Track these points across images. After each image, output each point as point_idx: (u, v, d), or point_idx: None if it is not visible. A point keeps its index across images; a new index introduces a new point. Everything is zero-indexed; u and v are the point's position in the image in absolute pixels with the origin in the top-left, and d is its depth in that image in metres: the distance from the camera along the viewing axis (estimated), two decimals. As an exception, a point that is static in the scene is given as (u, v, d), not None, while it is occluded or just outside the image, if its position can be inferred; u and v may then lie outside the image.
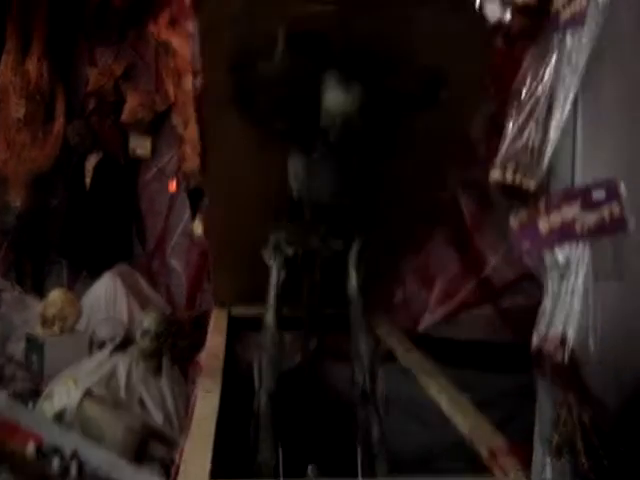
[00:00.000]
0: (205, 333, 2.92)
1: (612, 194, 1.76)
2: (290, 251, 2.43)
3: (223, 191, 2.71)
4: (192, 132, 4.15)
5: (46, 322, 3.91)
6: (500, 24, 1.90)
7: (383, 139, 2.26)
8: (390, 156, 2.31)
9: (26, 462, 2.76)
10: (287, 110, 2.20)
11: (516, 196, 1.83)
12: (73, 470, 2.69)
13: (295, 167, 2.36)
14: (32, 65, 5.24)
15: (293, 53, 2.09)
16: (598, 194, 1.78)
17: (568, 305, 1.85)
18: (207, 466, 1.86)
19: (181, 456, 2.24)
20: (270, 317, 2.37)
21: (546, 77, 1.80)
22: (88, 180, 5.10)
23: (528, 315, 2.06)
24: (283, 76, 2.14)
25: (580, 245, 1.81)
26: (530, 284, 2.77)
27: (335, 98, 2.13)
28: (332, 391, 2.78)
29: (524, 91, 1.82)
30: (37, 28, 5.25)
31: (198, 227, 4.15)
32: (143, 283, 4.69)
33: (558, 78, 1.79)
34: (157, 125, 4.79)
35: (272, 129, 2.28)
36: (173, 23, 4.27)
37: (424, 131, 2.32)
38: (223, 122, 2.44)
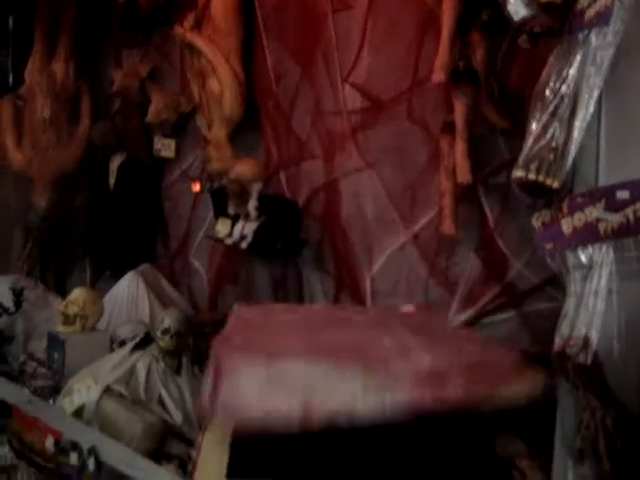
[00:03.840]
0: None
1: (636, 195, 1.74)
2: None
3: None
4: (216, 133, 4.16)
5: (67, 320, 3.92)
6: (524, 23, 1.88)
7: None
8: None
9: (45, 456, 2.78)
10: None
11: (538, 195, 1.82)
12: (91, 465, 2.70)
13: None
14: (58, 66, 5.29)
15: None
16: (622, 195, 1.76)
17: (591, 306, 1.82)
18: (224, 464, 1.86)
19: (199, 453, 2.23)
20: None
21: (570, 76, 1.78)
22: (112, 180, 5.12)
23: (550, 320, 2.04)
24: None
25: (603, 246, 1.79)
26: (554, 289, 2.74)
27: None
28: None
29: (548, 90, 1.80)
30: (64, 30, 5.32)
31: (221, 228, 4.15)
32: (165, 283, 4.69)
33: (582, 77, 1.77)
34: (181, 126, 4.80)
35: None
36: (198, 25, 4.27)
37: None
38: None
